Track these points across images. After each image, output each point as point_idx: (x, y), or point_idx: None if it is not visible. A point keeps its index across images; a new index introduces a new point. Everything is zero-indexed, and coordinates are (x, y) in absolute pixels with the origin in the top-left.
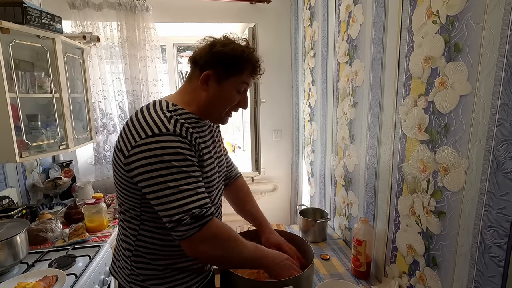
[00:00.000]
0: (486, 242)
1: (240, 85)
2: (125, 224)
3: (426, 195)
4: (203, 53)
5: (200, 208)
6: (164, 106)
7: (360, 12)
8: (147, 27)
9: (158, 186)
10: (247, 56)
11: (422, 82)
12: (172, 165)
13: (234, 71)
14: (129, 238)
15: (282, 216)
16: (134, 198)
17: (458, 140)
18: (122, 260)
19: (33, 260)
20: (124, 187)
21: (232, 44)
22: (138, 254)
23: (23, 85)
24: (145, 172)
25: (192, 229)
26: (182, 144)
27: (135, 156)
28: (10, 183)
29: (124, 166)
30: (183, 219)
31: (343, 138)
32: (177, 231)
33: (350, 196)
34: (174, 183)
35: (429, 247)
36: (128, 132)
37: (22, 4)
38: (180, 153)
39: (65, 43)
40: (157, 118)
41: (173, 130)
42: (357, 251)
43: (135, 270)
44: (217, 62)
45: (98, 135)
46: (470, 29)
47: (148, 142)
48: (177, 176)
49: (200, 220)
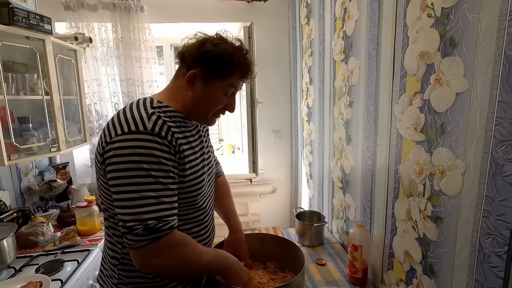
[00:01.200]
0: (485, 250)
1: (228, 88)
2: (110, 231)
3: (422, 199)
4: (191, 50)
5: (157, 220)
6: (148, 103)
7: (355, 8)
8: (142, 28)
9: (120, 188)
10: (238, 59)
11: (417, 79)
12: (140, 167)
13: (222, 74)
14: (115, 246)
15: (281, 219)
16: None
17: (455, 140)
18: (109, 268)
19: (20, 264)
20: (105, 190)
21: (224, 45)
22: (125, 262)
23: (13, 87)
24: (113, 171)
25: (142, 241)
26: (158, 145)
27: (108, 153)
28: (3, 185)
29: (101, 165)
30: (135, 228)
31: (340, 139)
32: (127, 238)
33: (347, 199)
34: (136, 187)
35: (426, 254)
36: (106, 128)
37: (9, 4)
38: (153, 154)
39: (56, 45)
40: (137, 114)
41: (151, 128)
42: (353, 256)
43: (123, 279)
44: (205, 62)
45: (94, 137)
46: (466, 22)
47: (122, 139)
48: (142, 180)
49: (153, 233)
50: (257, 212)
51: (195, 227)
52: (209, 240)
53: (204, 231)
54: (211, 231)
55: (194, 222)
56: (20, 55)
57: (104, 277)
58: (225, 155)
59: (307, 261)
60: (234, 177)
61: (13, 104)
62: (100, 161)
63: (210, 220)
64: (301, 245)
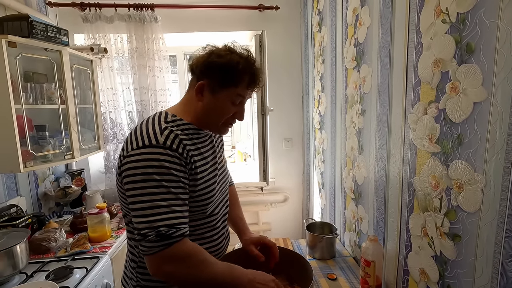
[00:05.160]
0: (508, 274)
1: (235, 97)
2: (129, 235)
3: (439, 214)
4: (199, 62)
5: (169, 227)
6: (163, 117)
7: (366, 15)
8: (156, 38)
9: (135, 198)
10: (243, 69)
11: (432, 87)
12: (153, 178)
13: (228, 83)
14: (134, 250)
15: (293, 228)
16: None
17: (473, 153)
18: (129, 271)
19: (32, 270)
20: (125, 197)
21: (229, 55)
22: (142, 266)
23: (31, 97)
24: (129, 183)
25: (155, 247)
26: (169, 158)
27: (125, 166)
28: (20, 191)
29: (119, 177)
30: (148, 235)
31: (352, 148)
32: (141, 245)
33: (359, 211)
34: (149, 197)
35: (444, 274)
36: (125, 143)
37: (28, 18)
38: (164, 166)
39: (73, 55)
40: (151, 129)
41: (163, 142)
42: (366, 272)
43: (141, 281)
44: (211, 73)
45: (108, 144)
46: (484, 27)
47: (137, 153)
48: (154, 190)
49: (165, 239)
50: (268, 221)
51: (207, 232)
52: (222, 246)
53: (216, 236)
54: (225, 237)
55: (206, 227)
56: (41, 65)
57: (127, 279)
58: (236, 163)
59: (317, 275)
60: (245, 185)
61: (32, 113)
62: (118, 173)
63: (221, 226)
64: (312, 258)
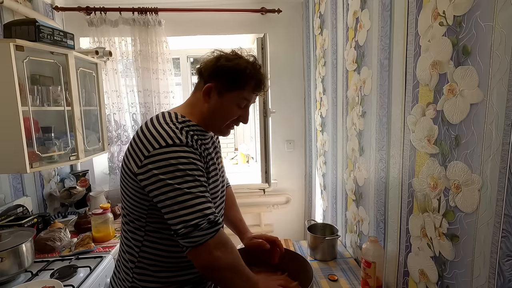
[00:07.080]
0: (505, 274)
1: (240, 100)
2: (129, 234)
3: (437, 215)
4: (208, 65)
5: (214, 214)
6: (174, 118)
7: (366, 18)
8: (160, 41)
9: (176, 192)
10: (250, 73)
11: (430, 89)
12: (187, 174)
13: (235, 86)
14: (132, 249)
15: (295, 230)
16: (141, 208)
17: (470, 154)
18: (123, 271)
19: (37, 269)
20: (132, 197)
21: (237, 60)
22: (141, 266)
23: (37, 99)
24: (161, 180)
25: (208, 234)
26: (194, 155)
27: (150, 166)
28: (27, 192)
29: (135, 177)
30: (200, 223)
31: (353, 149)
32: (192, 236)
33: (360, 212)
34: (191, 189)
35: (443, 275)
36: (139, 143)
37: (35, 23)
38: (193, 163)
39: (78, 58)
40: (169, 129)
41: (186, 142)
42: (366, 273)
43: (137, 282)
44: (219, 76)
45: (112, 146)
46: (479, 30)
47: (163, 152)
48: (192, 184)
49: (215, 225)
50: (270, 222)
51: None
52: None
53: None
54: None
55: None
56: (47, 69)
57: (117, 280)
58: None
59: (318, 276)
60: (247, 187)
61: (38, 115)
62: (136, 173)
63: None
64: (313, 259)
